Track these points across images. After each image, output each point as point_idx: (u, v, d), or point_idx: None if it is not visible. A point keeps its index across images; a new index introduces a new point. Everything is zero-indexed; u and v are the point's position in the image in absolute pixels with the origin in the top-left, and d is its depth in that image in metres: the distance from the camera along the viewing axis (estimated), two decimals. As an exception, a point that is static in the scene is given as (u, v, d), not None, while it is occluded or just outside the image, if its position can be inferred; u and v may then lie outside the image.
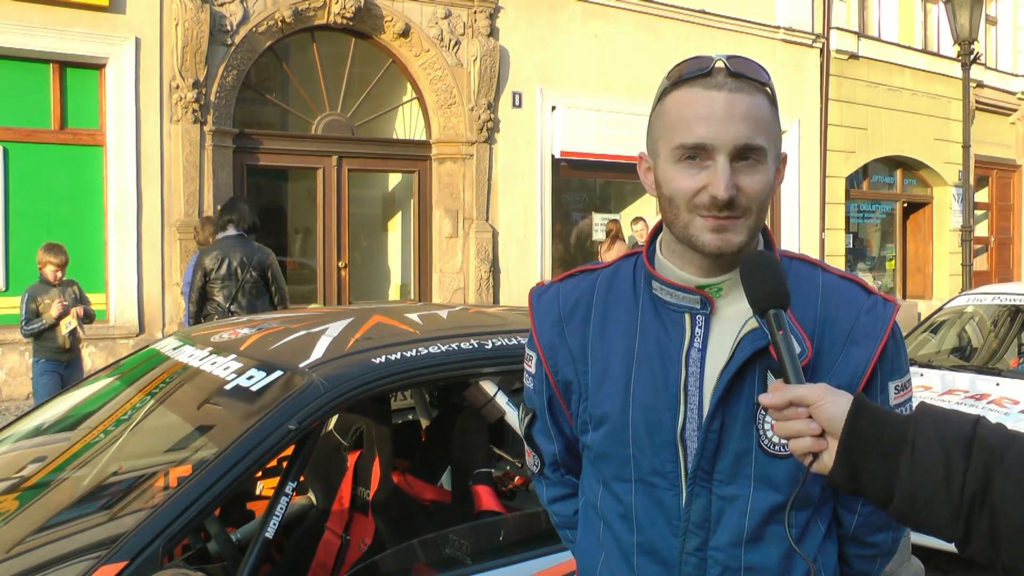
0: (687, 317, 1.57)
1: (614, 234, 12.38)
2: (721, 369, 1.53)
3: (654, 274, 1.61)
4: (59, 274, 7.34)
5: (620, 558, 1.63)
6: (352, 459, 3.45)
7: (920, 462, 1.26)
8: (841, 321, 1.55)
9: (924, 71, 17.46)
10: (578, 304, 1.69)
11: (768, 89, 1.52)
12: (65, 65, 9.58)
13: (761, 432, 1.53)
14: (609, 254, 11.74)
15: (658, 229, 1.66)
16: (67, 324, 7.21)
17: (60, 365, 7.33)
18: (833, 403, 1.32)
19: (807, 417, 1.33)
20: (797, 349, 1.43)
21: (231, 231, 7.08)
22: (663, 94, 1.55)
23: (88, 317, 7.45)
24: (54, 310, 7.14)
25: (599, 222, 13.56)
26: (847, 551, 1.66)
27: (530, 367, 1.78)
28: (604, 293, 1.67)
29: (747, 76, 1.49)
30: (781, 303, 1.41)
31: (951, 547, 4.55)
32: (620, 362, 1.60)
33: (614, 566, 1.65)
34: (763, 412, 1.52)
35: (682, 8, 13.69)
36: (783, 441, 1.50)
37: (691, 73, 1.50)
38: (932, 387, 6.22)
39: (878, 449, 1.29)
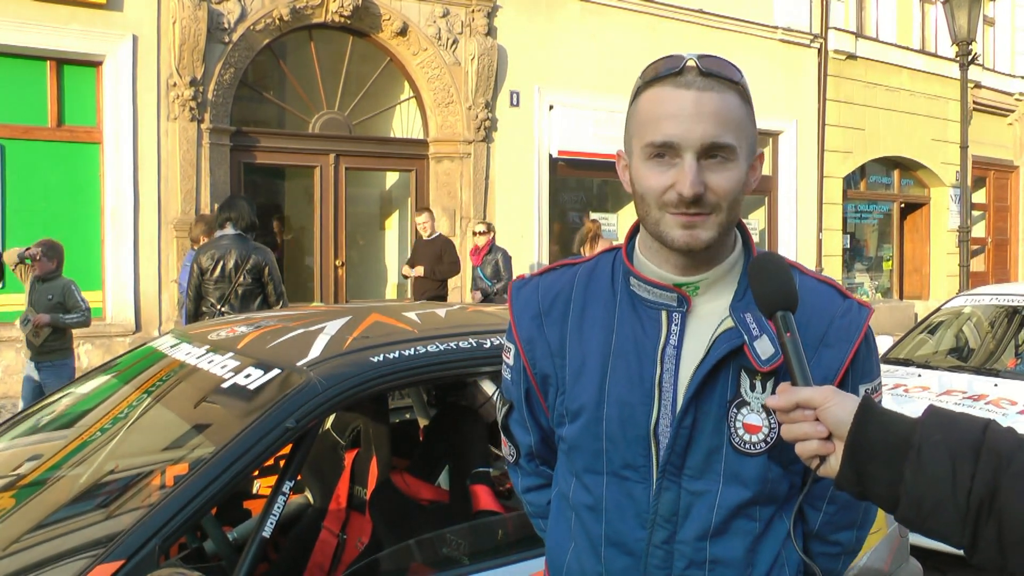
0: (664, 314, 1.60)
1: (593, 234, 12.33)
2: (695, 367, 1.56)
3: (633, 271, 1.64)
4: (35, 269, 7.05)
5: (589, 549, 1.66)
6: (349, 458, 3.45)
7: (926, 467, 1.25)
8: (815, 324, 1.57)
9: (922, 72, 17.47)
10: (557, 298, 1.71)
11: (740, 87, 1.54)
12: (62, 62, 9.57)
13: (732, 430, 1.56)
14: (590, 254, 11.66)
15: (637, 226, 1.69)
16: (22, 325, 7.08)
17: (32, 367, 7.15)
18: (840, 406, 1.31)
19: (814, 420, 1.33)
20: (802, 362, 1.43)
21: (229, 230, 7.03)
22: (637, 93, 1.58)
23: (51, 324, 7.04)
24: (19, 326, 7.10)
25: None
26: (811, 548, 1.68)
27: (508, 359, 1.81)
28: (583, 288, 1.70)
29: (718, 75, 1.51)
30: (789, 305, 1.42)
31: (948, 548, 4.53)
32: (597, 357, 1.62)
33: (583, 557, 1.68)
34: (735, 410, 1.55)
35: (680, 8, 13.69)
36: (754, 439, 1.55)
37: (663, 72, 1.53)
38: (930, 387, 6.22)
39: (884, 453, 1.28)
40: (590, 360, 1.63)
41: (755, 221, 15.59)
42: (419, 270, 10.50)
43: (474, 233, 11.05)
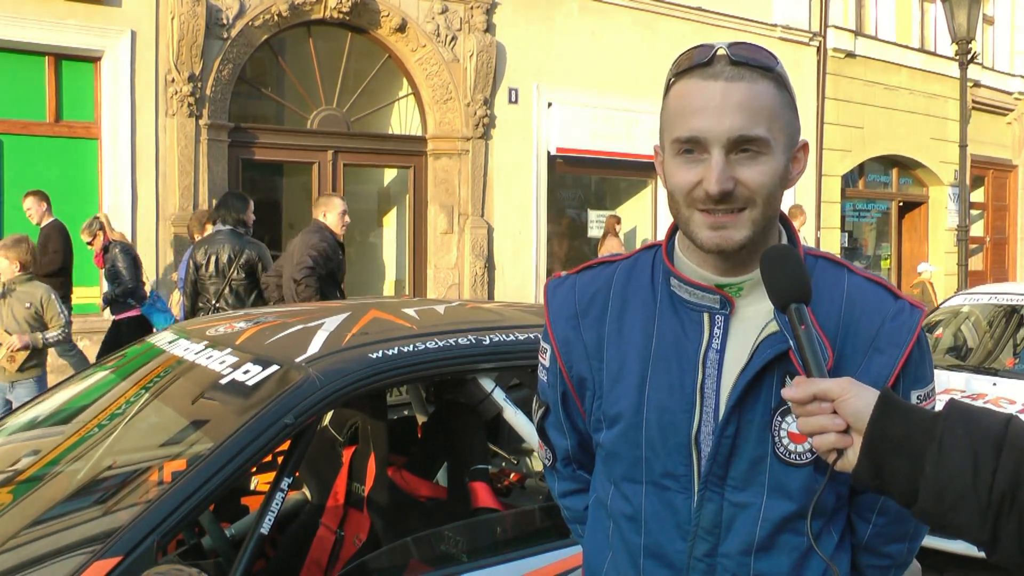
0: (706, 317, 1.53)
1: (606, 230, 12.41)
2: (739, 373, 1.48)
3: (673, 271, 1.57)
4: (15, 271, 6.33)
5: (627, 559, 1.60)
6: (347, 455, 3.44)
7: (947, 461, 1.22)
8: (864, 327, 1.50)
9: (921, 70, 17.47)
10: (595, 298, 1.64)
11: (775, 74, 1.47)
12: (60, 58, 9.54)
13: (777, 439, 1.48)
14: (601, 251, 11.72)
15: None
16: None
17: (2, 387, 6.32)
18: (858, 397, 1.28)
19: (831, 412, 1.29)
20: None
21: (220, 226, 7.08)
22: (668, 86, 1.51)
23: (26, 347, 6.20)
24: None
25: (595, 219, 13.56)
26: (860, 560, 1.61)
27: (544, 360, 1.74)
28: (622, 287, 1.63)
29: (749, 63, 1.44)
30: (802, 297, 1.37)
31: (947, 547, 4.53)
32: (636, 360, 1.56)
33: (621, 567, 1.61)
34: (779, 418, 1.48)
35: (679, 5, 13.68)
36: (799, 449, 1.48)
37: (692, 63, 1.46)
38: (928, 386, 6.20)
39: (904, 446, 1.25)
40: (629, 364, 1.56)
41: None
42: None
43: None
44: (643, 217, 13.93)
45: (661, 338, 1.54)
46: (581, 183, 13.94)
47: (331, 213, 7.06)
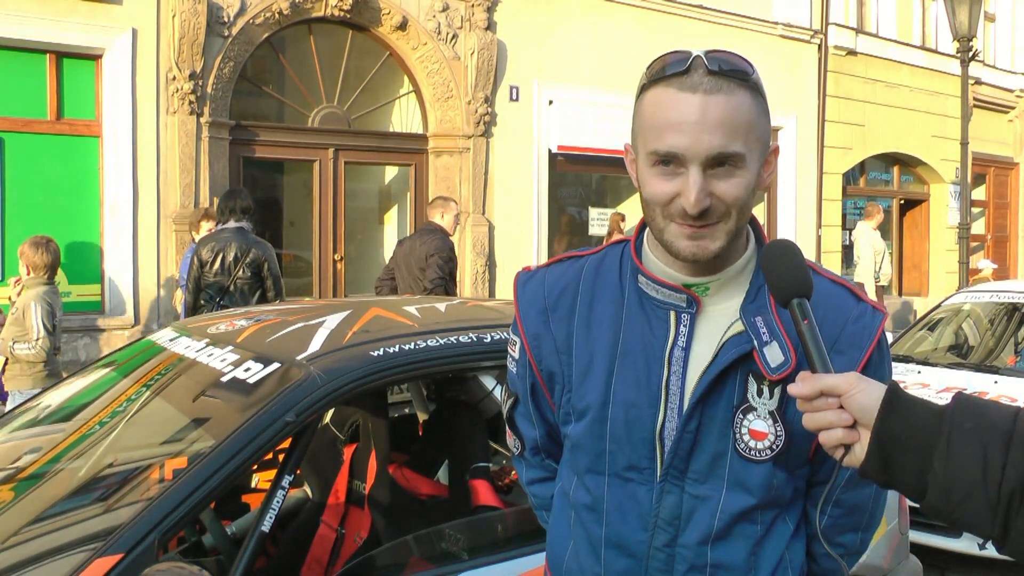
0: (672, 315, 1.56)
1: (609, 228, 12.42)
2: (703, 370, 1.52)
3: (641, 268, 1.60)
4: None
5: (588, 549, 1.64)
6: (348, 452, 3.44)
7: (956, 456, 1.21)
8: (827, 329, 1.51)
9: (922, 68, 17.44)
10: (564, 292, 1.67)
11: (752, 83, 1.47)
12: (61, 55, 9.53)
13: (738, 436, 1.52)
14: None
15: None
16: None
17: None
18: (866, 392, 1.28)
19: (838, 408, 1.29)
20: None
21: (232, 223, 7.02)
22: (642, 89, 1.53)
23: None
24: None
25: (596, 217, 13.55)
26: (815, 549, 1.65)
27: (514, 352, 1.77)
28: (590, 282, 1.66)
29: (727, 72, 1.44)
30: (804, 292, 1.39)
31: (947, 546, 4.54)
32: (604, 356, 1.59)
33: (582, 557, 1.65)
34: (741, 416, 1.52)
35: (680, 3, 13.67)
36: (759, 446, 1.52)
37: (668, 71, 1.46)
38: (929, 384, 6.22)
39: (912, 442, 1.24)
40: (597, 359, 1.59)
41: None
42: None
43: None
44: (644, 215, 13.91)
45: (628, 334, 1.58)
46: (582, 181, 13.93)
47: (448, 215, 7.76)
